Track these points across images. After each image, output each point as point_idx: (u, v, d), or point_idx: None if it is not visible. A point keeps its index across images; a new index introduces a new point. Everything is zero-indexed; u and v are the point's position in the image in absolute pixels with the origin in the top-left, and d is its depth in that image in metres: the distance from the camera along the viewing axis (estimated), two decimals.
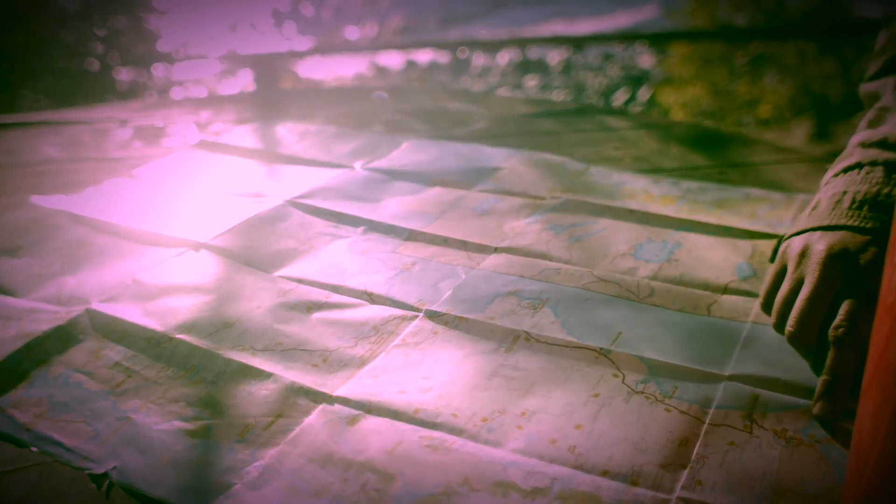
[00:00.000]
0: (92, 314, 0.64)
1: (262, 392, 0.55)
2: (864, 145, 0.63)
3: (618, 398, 0.54)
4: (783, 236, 0.64)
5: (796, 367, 0.56)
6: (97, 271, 0.71)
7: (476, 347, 0.59)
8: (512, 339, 0.60)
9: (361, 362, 0.58)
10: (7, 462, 0.51)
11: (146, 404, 0.55)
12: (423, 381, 0.56)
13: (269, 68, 3.67)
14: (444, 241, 0.74)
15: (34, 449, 0.52)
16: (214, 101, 1.22)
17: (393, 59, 5.27)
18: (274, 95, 1.28)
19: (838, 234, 0.56)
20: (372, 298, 0.66)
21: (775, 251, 0.65)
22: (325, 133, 1.03)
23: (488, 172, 0.89)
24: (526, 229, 0.76)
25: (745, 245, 0.72)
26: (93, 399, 0.55)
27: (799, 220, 0.63)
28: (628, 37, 5.15)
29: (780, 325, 0.59)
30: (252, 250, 0.74)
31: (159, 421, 0.53)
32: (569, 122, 1.07)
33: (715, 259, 0.70)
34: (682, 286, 0.67)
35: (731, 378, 0.55)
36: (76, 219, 0.81)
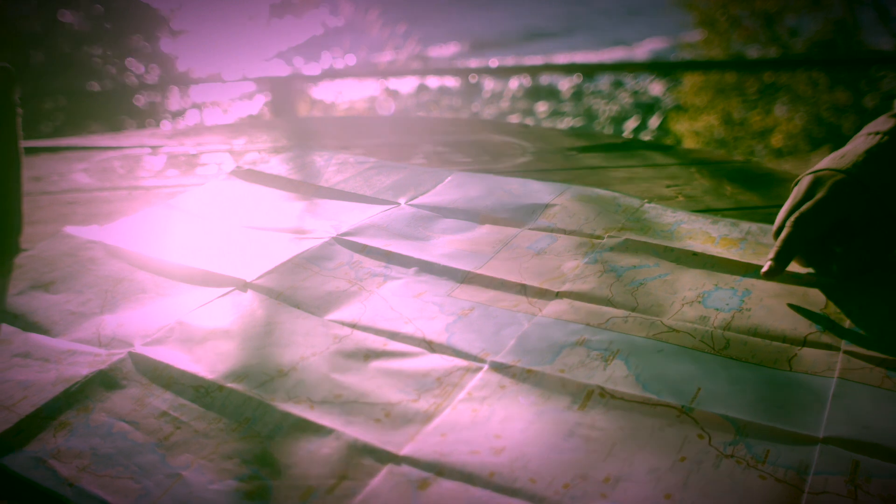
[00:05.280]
0: (136, 358, 0.60)
1: (323, 450, 0.51)
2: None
3: (706, 462, 0.50)
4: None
5: (895, 430, 0.52)
6: (138, 311, 0.67)
7: (548, 404, 0.55)
8: (585, 395, 0.56)
9: (427, 418, 0.54)
10: None
11: (197, 460, 0.51)
12: (495, 440, 0.52)
13: (285, 91, 3.66)
14: (502, 285, 0.71)
15: None
16: (247, 128, 1.18)
17: (403, 84, 5.27)
18: (308, 122, 1.25)
19: (821, 172, 0.74)
20: (432, 347, 0.62)
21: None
22: (365, 165, 1.00)
23: (539, 209, 0.86)
24: (585, 271, 0.73)
25: (817, 293, 0.69)
26: (139, 452, 0.52)
27: None
28: (640, 66, 5.14)
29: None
30: (301, 291, 0.70)
31: (213, 480, 0.49)
32: (613, 157, 1.04)
33: (788, 308, 0.67)
34: (758, 338, 0.63)
35: (827, 441, 0.51)
36: (112, 251, 0.77)
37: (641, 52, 5.48)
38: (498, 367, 0.59)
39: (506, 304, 0.68)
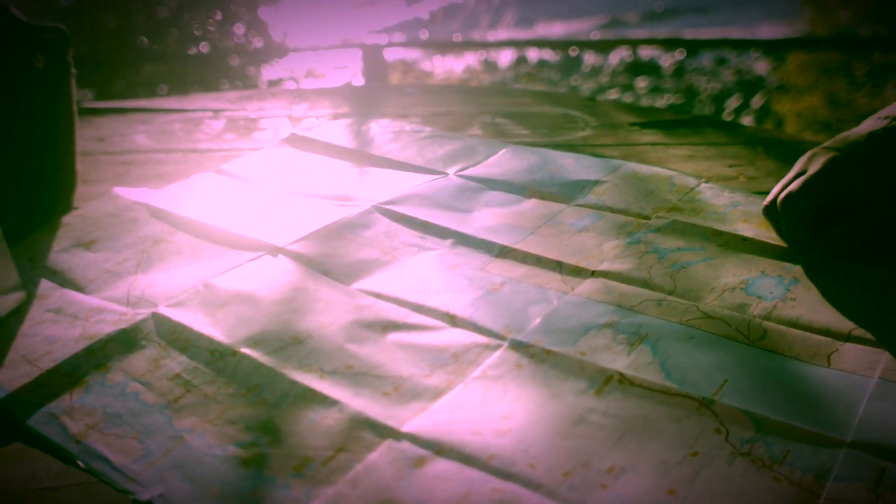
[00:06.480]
0: (157, 319, 0.61)
1: (325, 421, 0.50)
2: None
3: (719, 459, 0.47)
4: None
5: None
6: (170, 272, 0.68)
7: (563, 387, 0.53)
8: (603, 380, 0.54)
9: (436, 394, 0.53)
10: (52, 477, 0.48)
11: (202, 424, 0.51)
12: (501, 421, 0.50)
13: (378, 59, 3.67)
14: (538, 261, 0.69)
15: (81, 464, 0.48)
16: (312, 94, 1.18)
17: (503, 56, 5.23)
18: (373, 90, 1.24)
19: (818, 149, 0.73)
20: (454, 321, 0.61)
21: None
22: (420, 134, 0.99)
23: (589, 185, 0.83)
24: (626, 251, 0.70)
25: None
26: (147, 413, 0.52)
27: None
28: (743, 43, 4.98)
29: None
30: (331, 258, 0.69)
31: (213, 444, 0.49)
32: (677, 134, 1.00)
33: (838, 300, 0.63)
34: (798, 329, 0.59)
35: (854, 445, 0.48)
36: (156, 213, 0.78)
37: (758, 31, 5.28)
38: (517, 346, 0.57)
39: (538, 281, 0.66)
